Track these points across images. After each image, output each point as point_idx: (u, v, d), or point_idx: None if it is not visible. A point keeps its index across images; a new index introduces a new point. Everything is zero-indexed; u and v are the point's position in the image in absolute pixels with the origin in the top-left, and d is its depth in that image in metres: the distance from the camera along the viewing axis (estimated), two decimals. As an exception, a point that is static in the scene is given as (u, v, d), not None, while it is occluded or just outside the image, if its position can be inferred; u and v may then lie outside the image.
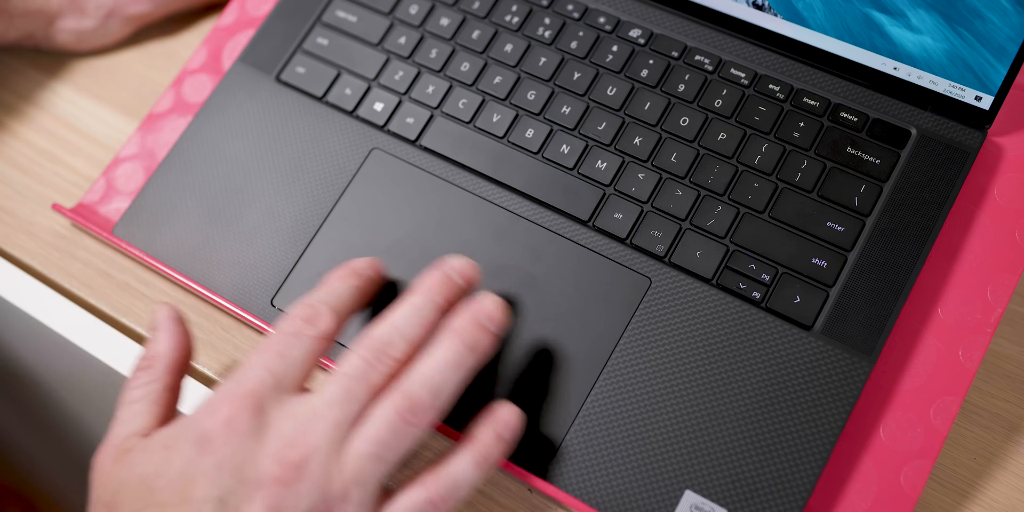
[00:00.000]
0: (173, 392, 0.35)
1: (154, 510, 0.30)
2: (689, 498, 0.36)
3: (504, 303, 0.34)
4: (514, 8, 0.46)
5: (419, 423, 0.31)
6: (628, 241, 0.41)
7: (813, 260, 0.40)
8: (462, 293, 0.35)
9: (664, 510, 0.36)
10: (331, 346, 0.34)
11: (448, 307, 0.34)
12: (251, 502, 0.29)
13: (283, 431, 0.30)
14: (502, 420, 0.33)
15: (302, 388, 0.32)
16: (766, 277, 0.39)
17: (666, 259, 0.40)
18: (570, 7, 0.46)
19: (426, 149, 0.44)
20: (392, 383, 0.32)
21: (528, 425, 0.38)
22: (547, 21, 0.46)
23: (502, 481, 0.40)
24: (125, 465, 0.31)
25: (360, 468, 0.30)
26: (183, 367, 0.36)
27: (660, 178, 0.42)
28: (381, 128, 0.45)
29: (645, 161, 0.42)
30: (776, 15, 0.43)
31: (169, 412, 0.34)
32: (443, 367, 0.32)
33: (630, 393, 0.38)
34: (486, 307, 0.34)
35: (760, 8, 0.44)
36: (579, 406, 0.38)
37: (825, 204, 0.41)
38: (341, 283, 0.35)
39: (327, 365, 0.40)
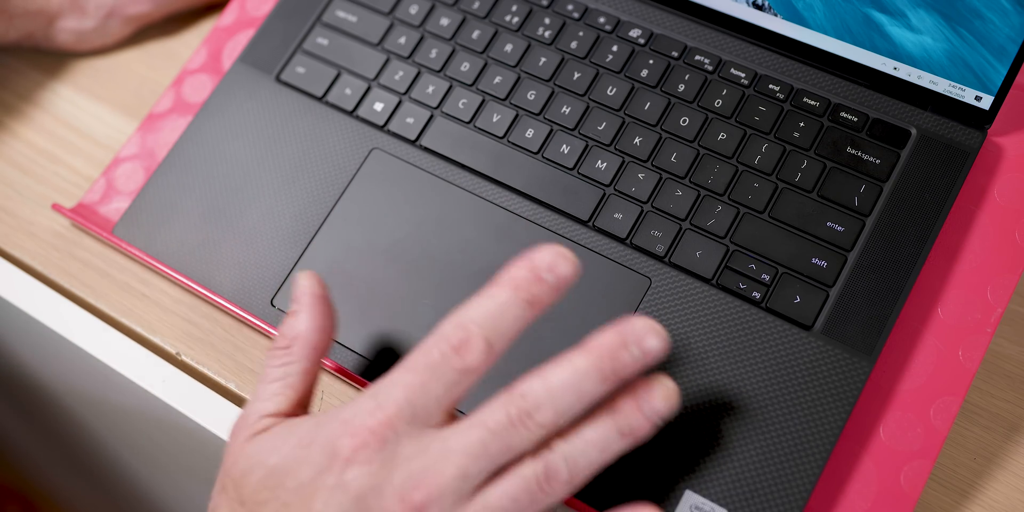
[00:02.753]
0: (310, 376, 0.34)
1: (278, 504, 0.30)
2: (689, 498, 0.36)
3: (677, 390, 0.30)
4: (514, 8, 0.46)
5: (553, 495, 0.30)
6: (628, 241, 0.41)
7: (813, 260, 0.40)
8: (639, 366, 0.30)
9: (664, 510, 0.36)
10: (481, 376, 0.30)
11: (617, 381, 0.30)
12: None
13: (411, 468, 0.29)
14: None
15: (445, 418, 0.31)
16: (766, 277, 0.39)
17: (666, 259, 0.40)
18: (570, 7, 0.46)
19: (426, 149, 0.44)
20: (533, 445, 0.30)
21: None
22: (547, 21, 0.46)
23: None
24: (257, 448, 0.32)
25: None
26: (323, 350, 0.35)
27: (660, 178, 0.42)
28: (381, 128, 0.45)
29: (645, 161, 0.42)
30: (776, 15, 0.43)
31: (305, 395, 0.34)
32: (591, 450, 0.30)
33: (630, 393, 0.38)
34: (655, 399, 0.30)
35: (760, 8, 0.44)
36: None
37: (825, 204, 0.41)
38: (513, 305, 0.30)
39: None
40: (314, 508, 0.29)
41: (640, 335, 0.30)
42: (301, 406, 0.34)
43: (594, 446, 0.30)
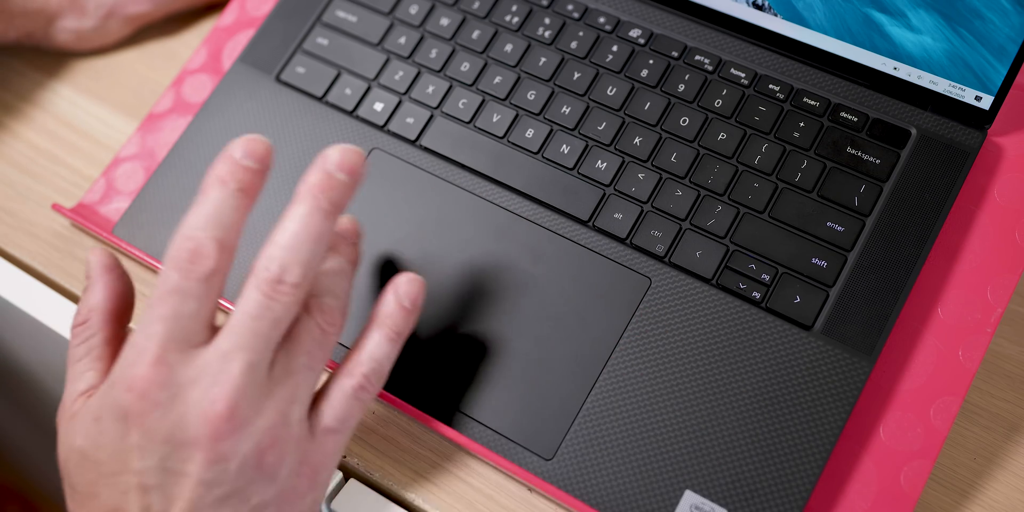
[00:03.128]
0: (115, 343, 0.34)
1: (106, 480, 0.30)
2: (689, 498, 0.36)
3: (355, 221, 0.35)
4: (514, 8, 0.46)
5: (336, 330, 0.32)
6: (628, 241, 0.41)
7: (813, 260, 0.40)
8: (350, 190, 0.32)
9: (664, 510, 0.36)
10: (227, 274, 0.31)
11: (336, 210, 0.32)
12: (190, 462, 0.29)
13: (200, 388, 0.30)
14: (403, 291, 0.34)
15: (209, 331, 0.31)
16: (766, 277, 0.39)
17: (666, 259, 0.40)
18: (570, 7, 0.46)
19: (426, 149, 0.44)
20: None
21: (528, 425, 0.38)
22: (547, 21, 0.46)
23: (503, 481, 0.40)
24: (69, 434, 0.32)
25: (294, 387, 0.31)
26: (122, 315, 0.35)
27: (660, 178, 0.42)
28: (381, 128, 0.45)
29: (645, 161, 0.42)
30: (776, 15, 0.43)
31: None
32: (335, 275, 0.33)
33: (630, 393, 0.38)
34: (346, 222, 0.35)
35: (760, 8, 0.44)
36: (579, 406, 0.38)
37: (825, 204, 0.41)
38: (222, 193, 0.31)
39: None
40: (134, 468, 0.30)
41: (335, 159, 0.32)
42: None
43: (334, 274, 0.33)
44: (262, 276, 0.30)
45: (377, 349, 0.33)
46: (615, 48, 0.45)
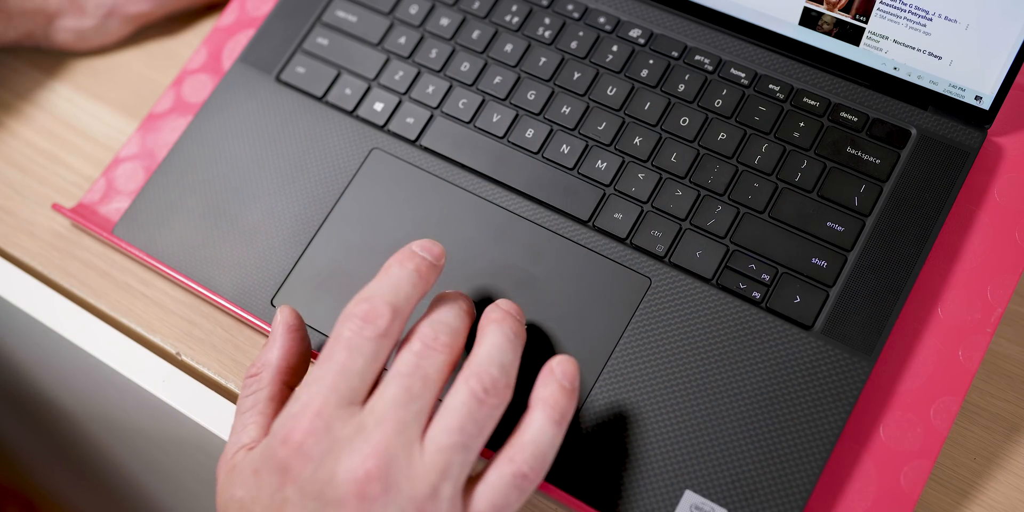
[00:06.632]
0: (280, 401, 0.35)
1: None
2: (689, 498, 0.36)
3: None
4: (514, 8, 0.46)
5: (496, 402, 0.31)
6: (628, 241, 0.41)
7: (813, 260, 0.40)
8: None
9: (664, 510, 0.36)
10: (396, 343, 0.33)
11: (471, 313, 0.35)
12: None
13: (354, 446, 0.30)
14: (559, 371, 0.33)
15: (369, 393, 0.32)
16: (766, 277, 0.39)
17: (666, 259, 0.40)
18: (570, 7, 0.46)
19: (426, 149, 0.44)
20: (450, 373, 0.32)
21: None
22: (547, 21, 0.46)
23: (502, 481, 0.40)
24: (229, 484, 0.32)
25: (445, 461, 0.30)
26: (293, 374, 0.36)
27: (660, 178, 0.42)
28: (381, 128, 0.45)
29: (645, 161, 0.42)
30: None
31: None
32: (501, 347, 0.33)
33: (630, 393, 0.38)
34: (510, 304, 0.35)
35: (760, 8, 0.44)
36: (579, 406, 0.38)
37: (825, 204, 0.41)
38: (401, 271, 0.33)
39: None
40: None
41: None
42: None
43: (502, 345, 0.33)
44: (415, 342, 0.32)
45: (540, 433, 0.32)
46: (615, 48, 0.45)
